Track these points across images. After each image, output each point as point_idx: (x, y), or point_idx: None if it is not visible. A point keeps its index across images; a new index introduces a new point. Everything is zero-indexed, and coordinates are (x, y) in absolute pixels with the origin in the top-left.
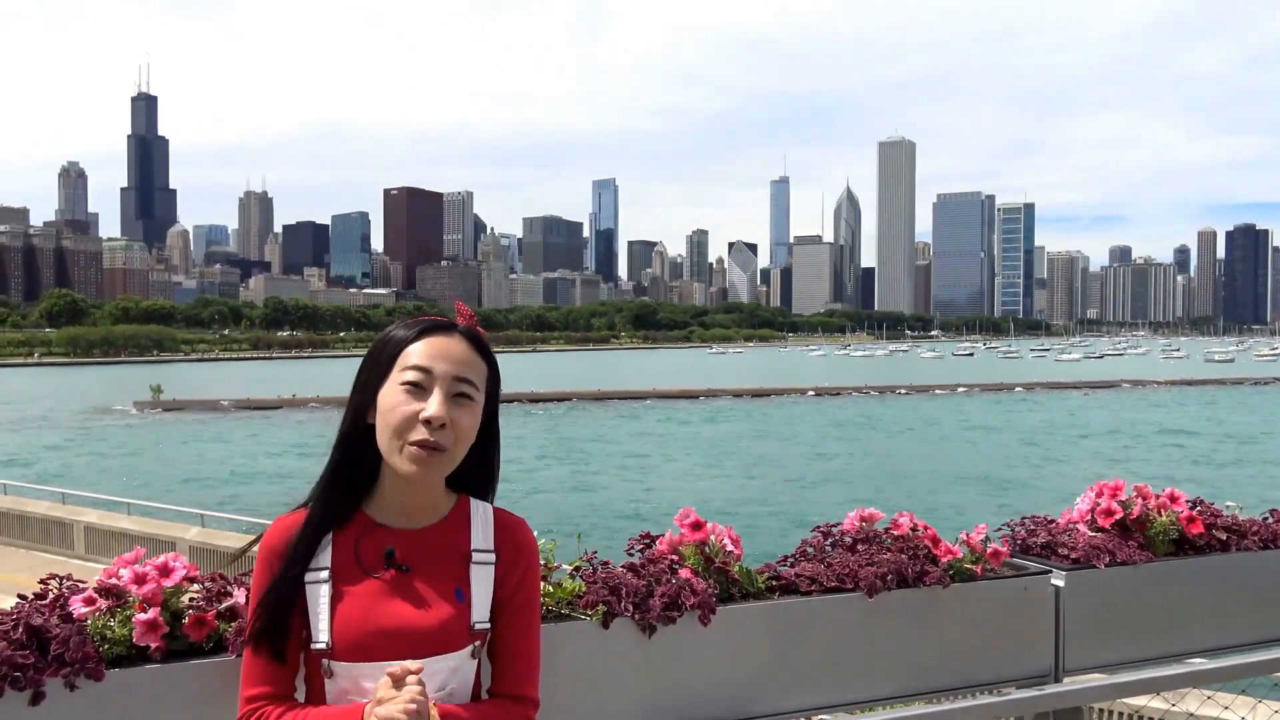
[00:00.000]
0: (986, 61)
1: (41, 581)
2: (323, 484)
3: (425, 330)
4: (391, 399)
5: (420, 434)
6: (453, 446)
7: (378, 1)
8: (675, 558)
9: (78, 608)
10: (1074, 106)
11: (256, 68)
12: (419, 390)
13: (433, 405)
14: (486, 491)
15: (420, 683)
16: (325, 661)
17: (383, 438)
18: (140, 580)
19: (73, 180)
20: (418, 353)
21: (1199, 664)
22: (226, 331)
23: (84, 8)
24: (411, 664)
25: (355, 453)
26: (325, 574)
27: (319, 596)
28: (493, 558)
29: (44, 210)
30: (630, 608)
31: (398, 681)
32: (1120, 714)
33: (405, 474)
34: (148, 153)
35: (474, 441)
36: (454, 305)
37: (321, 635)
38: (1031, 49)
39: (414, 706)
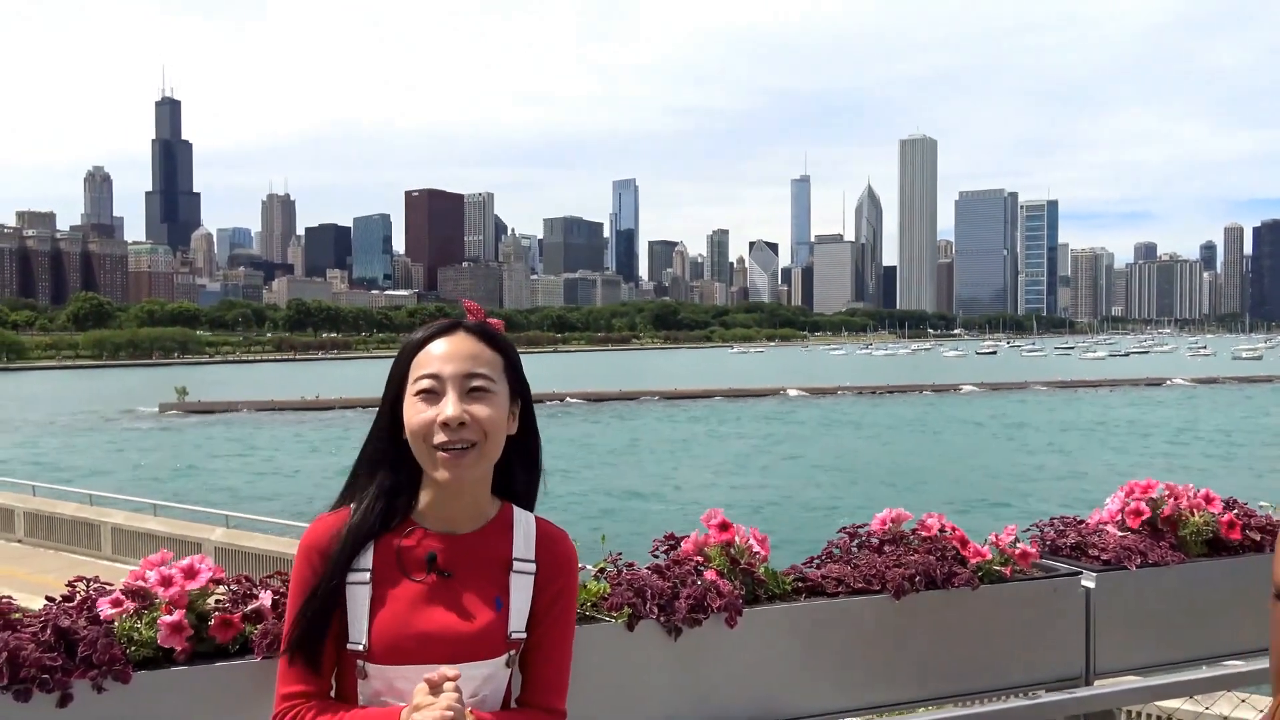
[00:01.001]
0: (1008, 58)
1: (69, 584)
2: (361, 494)
3: (430, 336)
4: (411, 411)
5: (441, 437)
6: (482, 441)
7: (399, 4)
8: (701, 559)
9: (105, 610)
10: (1097, 102)
11: (278, 71)
12: (433, 396)
13: (447, 407)
14: (530, 489)
15: (457, 689)
16: (360, 663)
17: (414, 450)
18: (166, 582)
19: (98, 184)
20: (425, 360)
21: (1233, 666)
22: (250, 334)
23: (108, 15)
24: (449, 670)
25: (395, 461)
26: (366, 575)
27: (359, 598)
28: (533, 568)
29: (70, 214)
30: (655, 610)
31: (435, 688)
32: (1152, 717)
33: (442, 481)
34: (172, 156)
35: (518, 436)
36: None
37: (359, 637)
38: (1054, 45)
39: (450, 714)
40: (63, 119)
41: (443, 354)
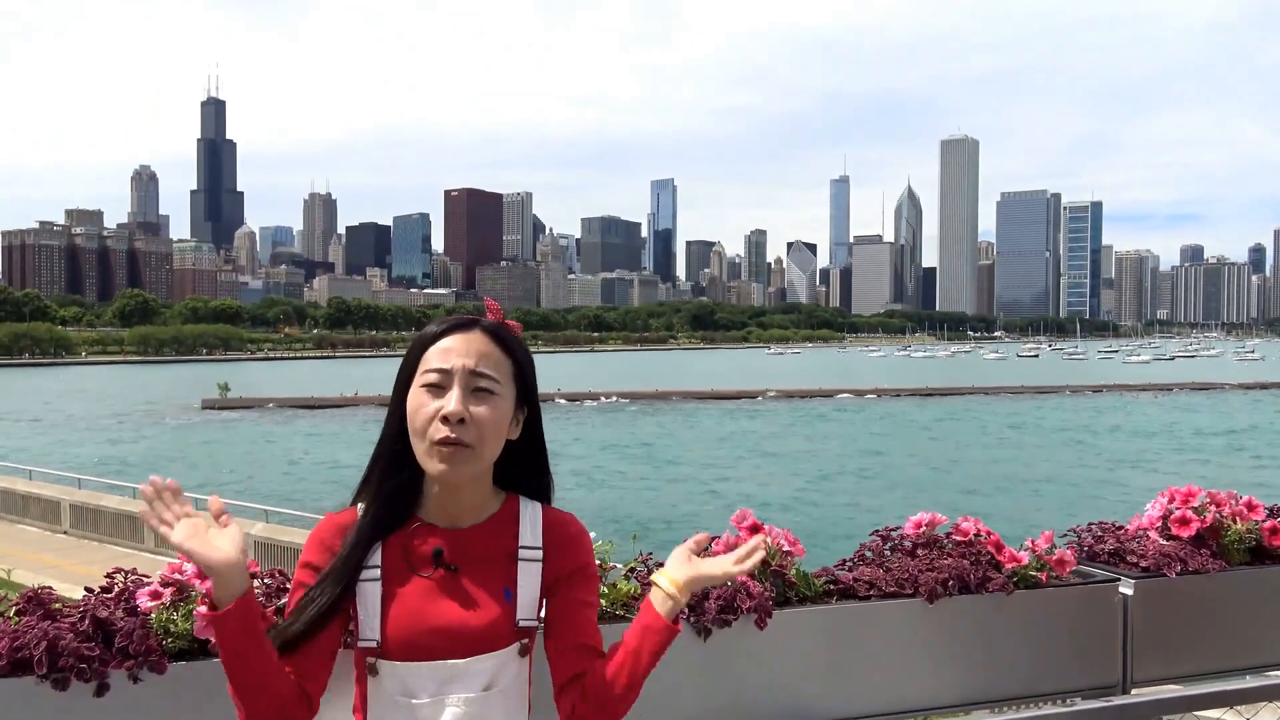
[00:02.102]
0: (1058, 59)
1: (107, 575)
2: (370, 493)
3: (446, 330)
4: (414, 401)
5: (441, 432)
6: (477, 442)
7: (442, 5)
8: None
9: (143, 601)
10: (1154, 103)
11: (321, 72)
12: (438, 390)
13: (450, 401)
14: (541, 495)
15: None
16: (372, 660)
17: (413, 441)
18: (203, 575)
19: (144, 183)
20: (436, 353)
21: (1277, 677)
22: (291, 331)
23: (155, 17)
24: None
25: (401, 458)
26: (377, 573)
27: (370, 596)
28: (539, 554)
29: (117, 213)
30: (685, 610)
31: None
32: None
33: (434, 474)
34: (216, 156)
35: (520, 442)
36: (509, 306)
37: (373, 634)
38: (1107, 44)
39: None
40: (111, 119)
41: (454, 349)
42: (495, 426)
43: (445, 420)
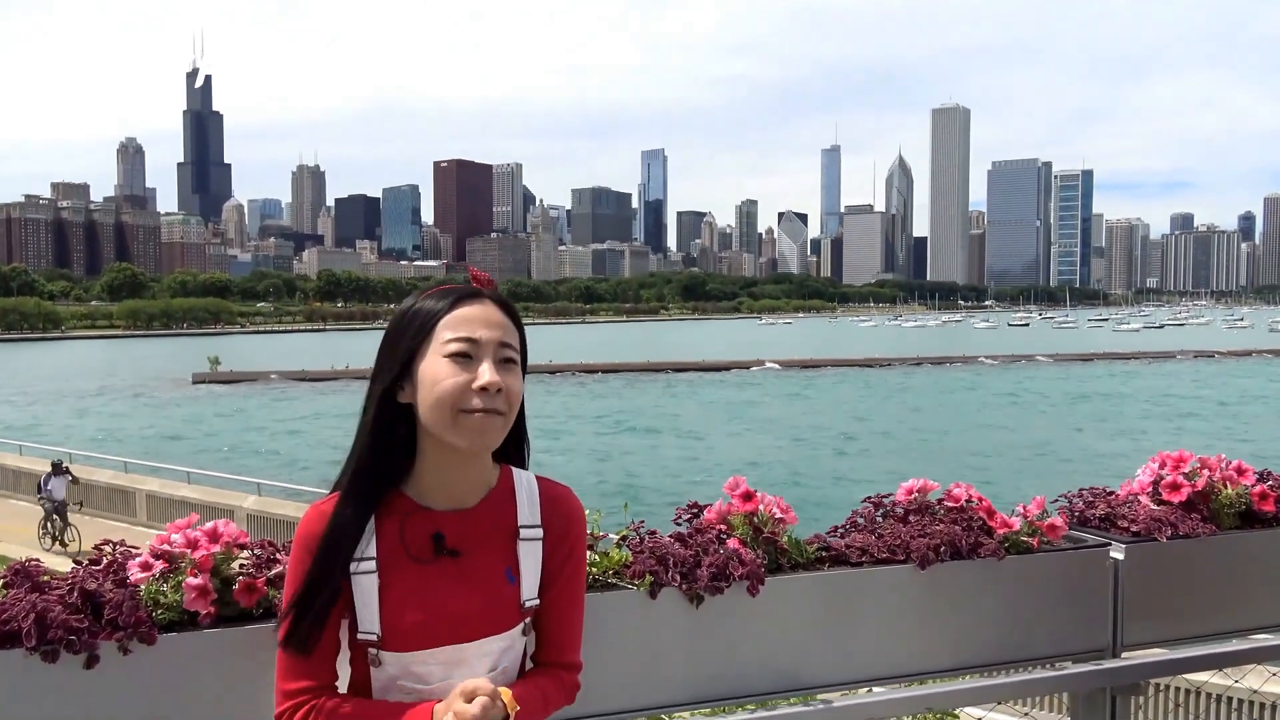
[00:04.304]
0: (1054, 26)
1: (96, 547)
2: (356, 472)
3: (459, 299)
4: (438, 372)
5: (477, 402)
6: (508, 411)
7: None
8: (724, 527)
9: (134, 573)
10: (1148, 69)
11: (309, 42)
12: (467, 360)
13: (487, 373)
14: (521, 457)
15: (492, 694)
16: (374, 651)
17: (434, 413)
18: (192, 546)
19: (131, 156)
20: (459, 322)
21: (1263, 640)
22: (281, 304)
23: None
24: (483, 685)
25: (390, 435)
26: (372, 564)
27: (366, 588)
28: (540, 533)
29: (104, 186)
30: (677, 577)
31: (468, 696)
32: (1180, 690)
33: (466, 446)
34: (203, 128)
35: None
36: (500, 277)
37: (371, 627)
38: (1102, 12)
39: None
40: (96, 92)
41: (477, 319)
42: (519, 396)
43: (484, 391)
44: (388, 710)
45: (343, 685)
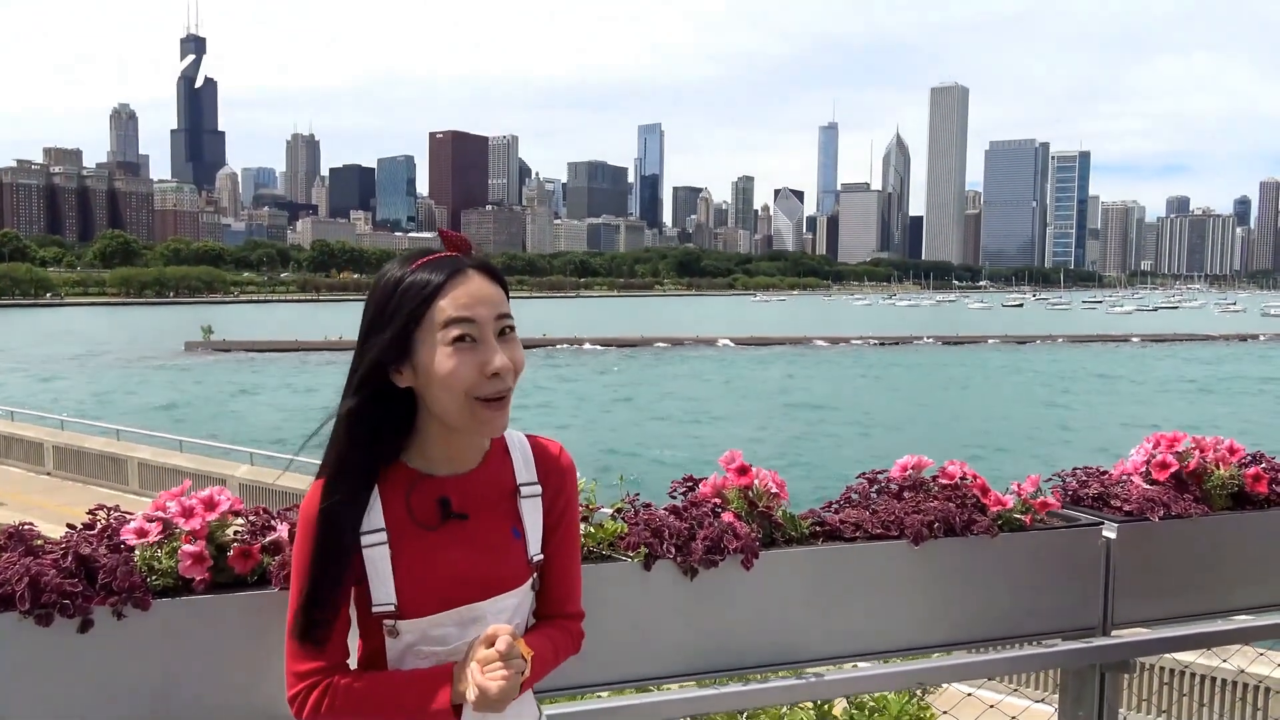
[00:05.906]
0: (1054, 3)
1: (90, 512)
2: (342, 458)
3: (448, 277)
4: (444, 361)
5: (491, 388)
6: (514, 384)
7: None
8: (719, 501)
9: (128, 538)
10: (1145, 50)
11: (304, 10)
12: (470, 343)
13: (497, 357)
14: None
15: (513, 635)
16: (390, 622)
17: (449, 404)
18: (187, 513)
19: (124, 122)
20: (454, 305)
21: (1250, 620)
22: (274, 274)
23: None
24: (502, 628)
25: (382, 413)
26: (382, 536)
27: (379, 559)
28: (538, 489)
29: (96, 153)
30: (672, 550)
31: (489, 641)
32: (1169, 669)
33: (482, 431)
34: (196, 95)
35: None
36: (495, 250)
37: (388, 598)
38: None
39: (514, 671)
40: (89, 58)
41: (470, 297)
42: (523, 363)
43: (498, 376)
44: (405, 680)
45: (353, 660)
